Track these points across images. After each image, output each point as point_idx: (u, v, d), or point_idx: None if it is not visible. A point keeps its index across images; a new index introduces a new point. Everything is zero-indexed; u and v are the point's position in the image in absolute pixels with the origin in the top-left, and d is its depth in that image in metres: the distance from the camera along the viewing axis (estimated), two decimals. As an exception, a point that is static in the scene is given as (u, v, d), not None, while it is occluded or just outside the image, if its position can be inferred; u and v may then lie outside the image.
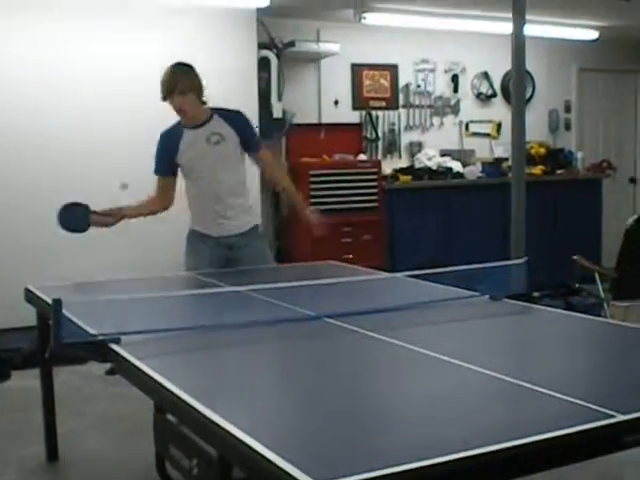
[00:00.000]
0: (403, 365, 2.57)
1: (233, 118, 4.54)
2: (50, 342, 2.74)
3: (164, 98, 4.37)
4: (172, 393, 2.22)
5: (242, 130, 4.53)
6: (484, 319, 3.22)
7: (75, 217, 4.33)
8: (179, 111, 4.40)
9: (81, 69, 6.47)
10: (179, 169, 4.56)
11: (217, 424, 1.94)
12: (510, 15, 5.90)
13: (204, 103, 4.50)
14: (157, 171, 4.59)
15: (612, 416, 1.91)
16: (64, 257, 6.11)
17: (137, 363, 2.52)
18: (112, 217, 4.46)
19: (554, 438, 1.79)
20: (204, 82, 4.48)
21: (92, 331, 2.85)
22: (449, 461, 1.66)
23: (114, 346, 2.72)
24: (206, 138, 4.45)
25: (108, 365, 3.97)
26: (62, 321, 2.72)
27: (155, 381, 2.35)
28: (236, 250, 4.59)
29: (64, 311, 2.73)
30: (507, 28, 6.03)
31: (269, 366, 2.66)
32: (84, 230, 4.39)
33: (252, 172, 6.90)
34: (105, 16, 6.51)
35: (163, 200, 4.61)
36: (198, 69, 4.47)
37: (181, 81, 4.35)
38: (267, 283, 3.52)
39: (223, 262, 4.57)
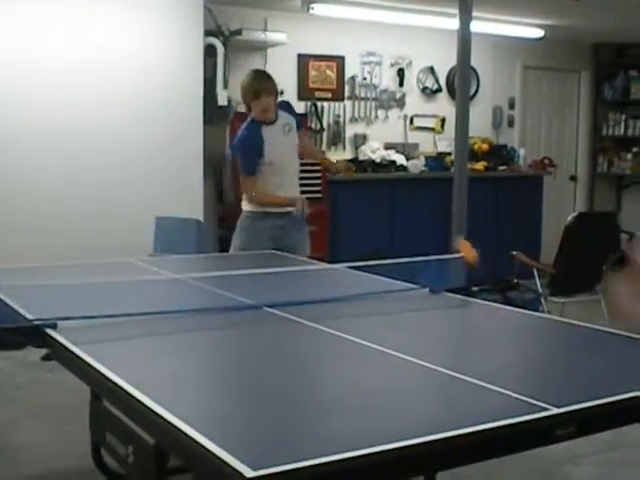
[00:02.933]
0: (341, 355, 2.58)
1: (289, 108, 5.24)
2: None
3: (251, 100, 4.95)
4: (108, 380, 2.20)
5: (296, 116, 5.26)
6: (423, 312, 3.25)
7: None
8: (264, 110, 4.95)
9: (28, 55, 6.36)
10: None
11: (153, 411, 1.93)
12: (457, 11, 5.95)
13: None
14: (252, 173, 5.05)
15: (545, 409, 1.94)
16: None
17: (73, 349, 2.49)
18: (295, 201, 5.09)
19: (487, 430, 1.81)
20: None
21: (29, 316, 2.81)
22: (381, 451, 1.67)
23: (50, 331, 2.69)
24: (282, 130, 5.08)
25: (45, 351, 3.92)
26: (-2, 305, 2.69)
27: (91, 367, 2.33)
28: (287, 231, 5.10)
29: (1, 295, 2.69)
30: (454, 24, 6.08)
31: (207, 354, 2.65)
32: None
33: (195, 160, 6.95)
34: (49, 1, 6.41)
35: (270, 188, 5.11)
36: (143, 54, 4.50)
37: (267, 84, 4.98)
38: (208, 271, 3.51)
39: (272, 242, 5.02)
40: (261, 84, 4.95)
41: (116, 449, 2.47)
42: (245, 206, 5.17)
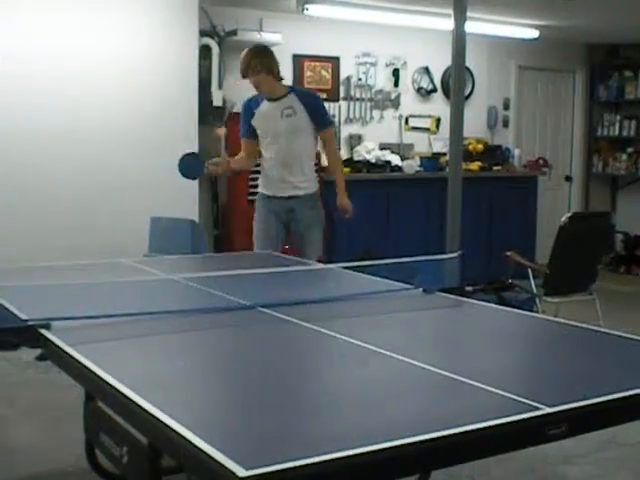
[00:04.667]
0: (335, 356, 2.59)
1: (307, 97, 5.27)
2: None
3: (243, 76, 5.12)
4: (102, 380, 2.20)
5: (312, 109, 5.20)
6: (416, 312, 3.25)
7: (192, 165, 5.12)
8: (255, 87, 5.14)
9: (24, 55, 6.36)
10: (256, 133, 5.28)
11: (147, 411, 1.93)
12: (451, 12, 5.95)
13: (281, 79, 5.25)
14: (242, 134, 5.37)
15: (538, 408, 1.94)
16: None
17: (67, 349, 2.49)
18: (221, 166, 5.31)
19: (479, 429, 1.81)
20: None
21: (22, 316, 2.81)
22: (374, 451, 1.68)
23: (44, 331, 2.69)
24: (280, 110, 5.14)
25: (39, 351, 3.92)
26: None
27: (85, 367, 2.32)
28: (296, 213, 5.28)
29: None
30: (449, 24, 6.08)
31: (201, 354, 2.65)
32: (199, 176, 5.40)
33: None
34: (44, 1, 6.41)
35: (250, 159, 5.51)
36: (138, 55, 4.52)
37: (254, 61, 5.06)
38: (202, 272, 3.51)
39: (283, 227, 5.32)
40: (249, 61, 5.07)
41: (110, 449, 2.47)
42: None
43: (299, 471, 1.59)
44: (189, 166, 5.10)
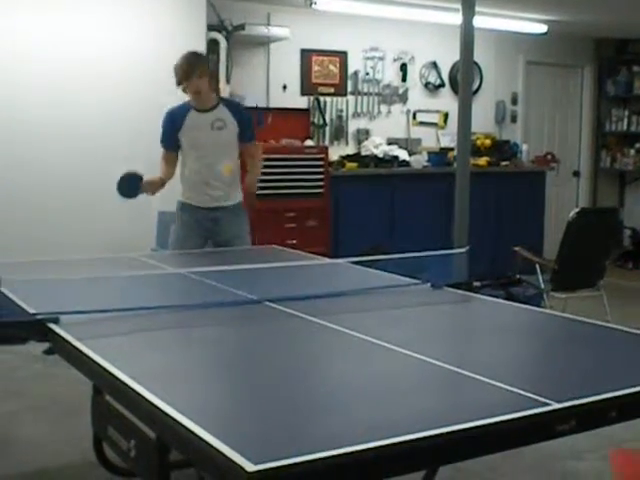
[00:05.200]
0: (341, 350, 2.58)
1: (237, 109, 5.03)
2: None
3: (182, 81, 4.79)
4: (110, 374, 2.21)
5: (243, 122, 4.98)
6: (424, 307, 3.24)
7: (129, 185, 4.78)
8: (195, 93, 4.82)
9: (27, 49, 6.36)
10: (180, 144, 4.97)
11: (155, 406, 1.94)
12: (460, 6, 5.93)
13: (216, 91, 5.08)
14: (163, 144, 5.01)
15: (546, 404, 1.94)
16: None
17: (75, 343, 2.50)
18: (155, 185, 4.90)
19: (487, 425, 1.81)
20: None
21: (31, 310, 2.82)
22: (382, 446, 1.68)
23: (52, 325, 2.69)
24: (211, 123, 4.88)
25: (47, 345, 3.93)
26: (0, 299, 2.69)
27: (93, 362, 2.33)
28: (220, 223, 4.97)
29: (3, 289, 2.69)
30: (456, 19, 6.07)
31: (209, 349, 2.65)
32: (135, 196, 4.85)
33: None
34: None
35: (172, 170, 5.04)
36: (145, 49, 4.52)
37: (198, 66, 4.83)
38: (209, 266, 3.51)
39: (206, 234, 5.01)
40: (193, 65, 4.80)
41: (118, 443, 2.47)
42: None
43: (307, 466, 1.59)
44: (128, 186, 4.77)
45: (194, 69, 4.77)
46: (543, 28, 9.28)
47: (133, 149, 6.69)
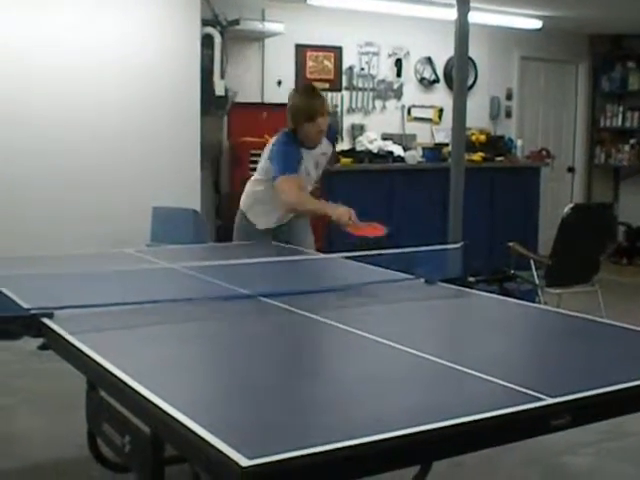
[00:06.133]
0: (336, 345, 2.59)
1: (330, 134, 4.67)
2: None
3: (308, 120, 4.36)
4: (105, 369, 2.20)
5: (333, 141, 4.85)
6: (418, 302, 3.25)
7: None
8: (320, 132, 4.44)
9: (21, 45, 6.35)
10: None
11: (150, 401, 1.93)
12: (454, 1, 5.93)
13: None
14: (294, 170, 4.39)
15: (540, 399, 1.94)
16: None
17: (69, 338, 2.49)
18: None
19: (481, 420, 1.81)
20: None
21: (25, 305, 2.81)
22: (376, 440, 1.67)
23: (46, 320, 2.69)
24: (315, 160, 4.58)
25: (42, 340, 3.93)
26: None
27: (87, 356, 2.32)
28: (289, 232, 4.69)
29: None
30: (451, 14, 6.07)
31: (203, 344, 2.64)
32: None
33: (191, 150, 6.95)
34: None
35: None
36: (139, 44, 4.45)
37: (323, 103, 4.46)
38: (204, 261, 3.51)
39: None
40: (318, 103, 4.41)
41: (112, 439, 2.47)
42: (246, 211, 4.80)
43: (302, 460, 1.59)
44: None
45: (323, 106, 4.45)
46: (538, 24, 9.28)
47: (128, 144, 6.70)
